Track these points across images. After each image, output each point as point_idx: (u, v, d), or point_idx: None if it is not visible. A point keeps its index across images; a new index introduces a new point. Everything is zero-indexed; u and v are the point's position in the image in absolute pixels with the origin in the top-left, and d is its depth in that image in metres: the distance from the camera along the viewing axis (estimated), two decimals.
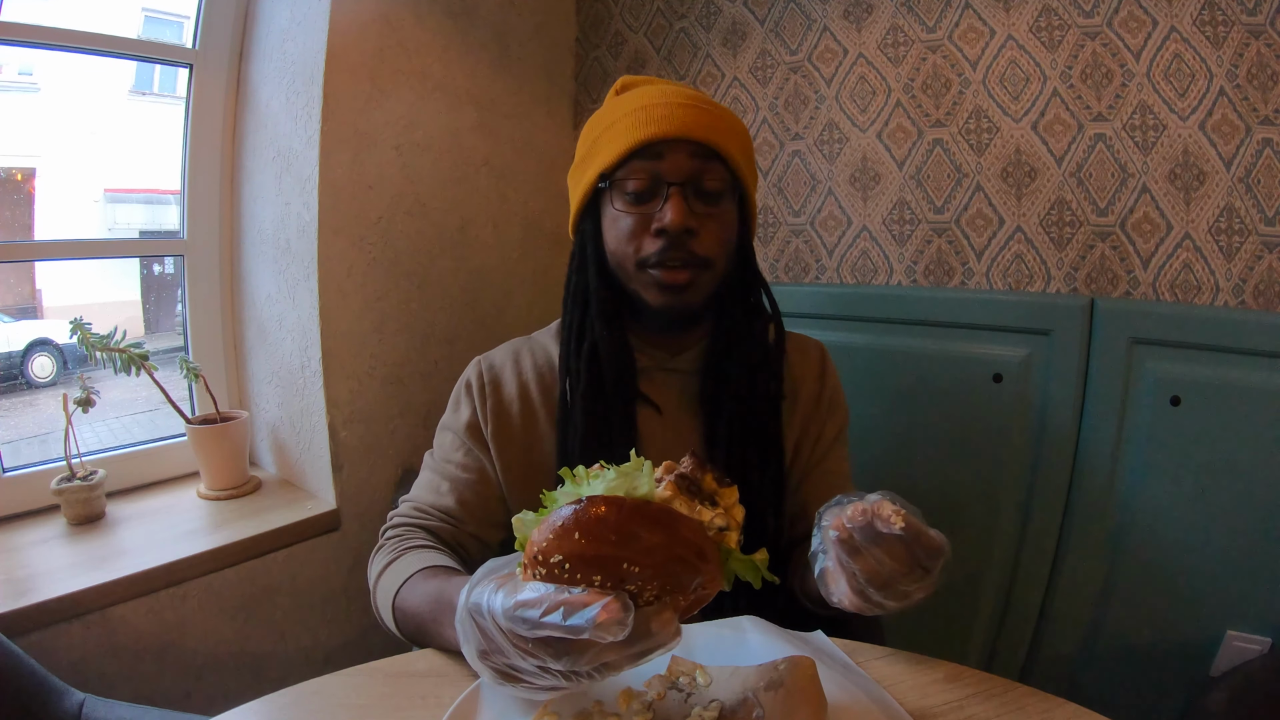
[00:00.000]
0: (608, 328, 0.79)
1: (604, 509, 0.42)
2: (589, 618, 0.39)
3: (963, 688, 0.58)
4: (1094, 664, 1.14)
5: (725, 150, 0.75)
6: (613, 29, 1.62)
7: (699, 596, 0.45)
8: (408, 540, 0.76)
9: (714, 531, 0.45)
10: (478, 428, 0.83)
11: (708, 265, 0.76)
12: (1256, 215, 1.00)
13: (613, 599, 0.39)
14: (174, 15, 1.35)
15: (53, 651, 0.99)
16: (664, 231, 0.73)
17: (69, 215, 1.35)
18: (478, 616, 0.45)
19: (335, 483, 1.31)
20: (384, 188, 1.34)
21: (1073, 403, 1.11)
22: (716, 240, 0.76)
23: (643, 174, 0.75)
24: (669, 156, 0.74)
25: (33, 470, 1.23)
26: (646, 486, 0.44)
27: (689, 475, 0.47)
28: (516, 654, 0.43)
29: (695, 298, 0.77)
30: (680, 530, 0.43)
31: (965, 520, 1.21)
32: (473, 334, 1.52)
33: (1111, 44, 1.07)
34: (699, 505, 0.46)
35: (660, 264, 0.75)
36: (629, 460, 0.46)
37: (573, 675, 0.43)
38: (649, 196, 0.75)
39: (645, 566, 0.42)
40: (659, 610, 0.42)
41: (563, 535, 0.42)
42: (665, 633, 0.42)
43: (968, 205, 1.23)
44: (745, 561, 0.47)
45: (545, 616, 0.40)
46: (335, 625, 1.36)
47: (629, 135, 0.75)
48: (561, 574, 0.42)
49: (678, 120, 0.74)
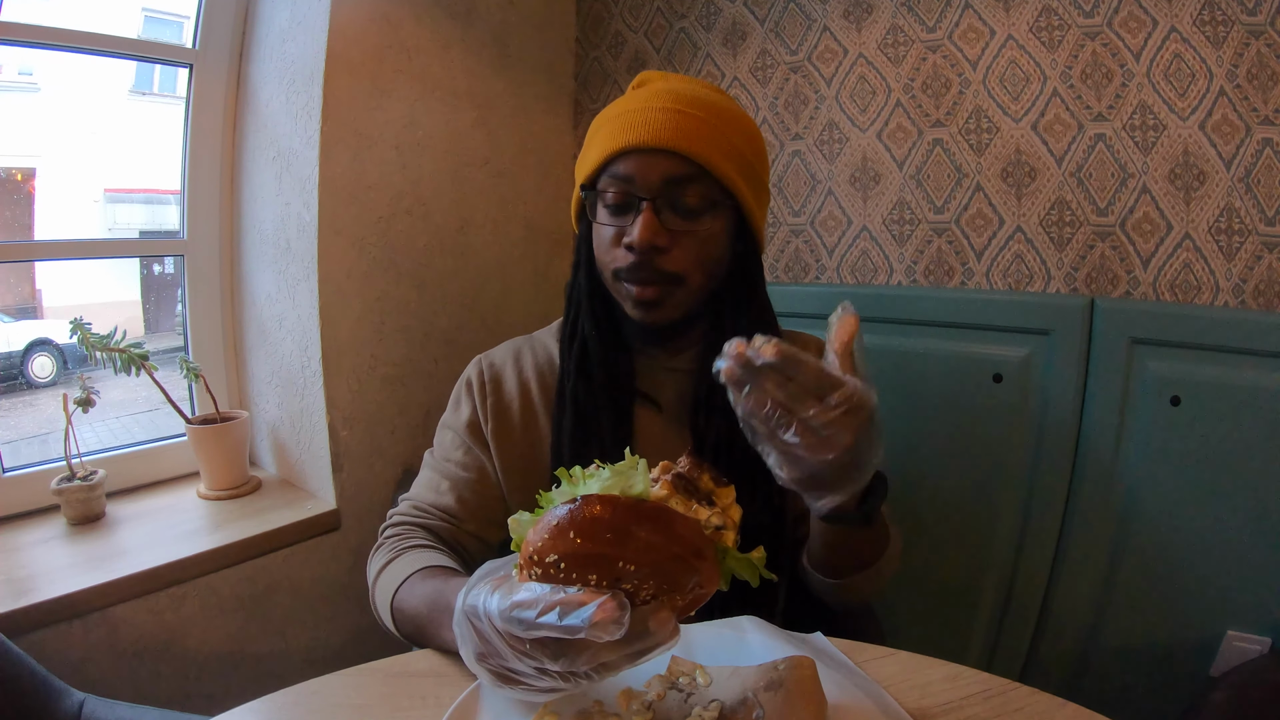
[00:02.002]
0: (596, 327, 0.79)
1: (599, 508, 0.42)
2: (585, 617, 0.38)
3: (963, 688, 0.58)
4: (1094, 664, 1.14)
5: (709, 162, 0.71)
6: (613, 29, 1.62)
7: (696, 596, 0.45)
8: (407, 539, 0.76)
9: (711, 530, 0.45)
10: (478, 426, 0.83)
11: (678, 282, 0.73)
12: (1256, 215, 1.00)
13: (609, 598, 0.39)
14: (174, 15, 1.35)
15: (53, 651, 0.99)
16: (631, 247, 0.72)
17: (69, 215, 1.35)
18: (474, 619, 0.45)
19: (335, 483, 1.31)
20: (384, 188, 1.34)
21: (1073, 403, 1.11)
22: (691, 258, 0.73)
23: (616, 187, 0.73)
24: (642, 169, 0.71)
25: (33, 470, 1.23)
26: (642, 485, 0.44)
27: (685, 475, 0.47)
28: (513, 656, 0.43)
29: (669, 314, 0.75)
30: (676, 528, 0.43)
31: (965, 520, 1.21)
32: (473, 334, 1.52)
33: (1111, 44, 1.07)
34: (695, 505, 0.46)
35: (630, 279, 0.73)
36: (624, 460, 0.46)
37: (570, 676, 0.43)
38: (625, 209, 0.73)
39: (641, 565, 0.41)
40: (656, 609, 0.42)
41: (558, 535, 0.42)
42: (663, 632, 0.41)
43: (968, 205, 1.23)
44: (742, 560, 0.47)
45: (541, 617, 0.40)
46: (335, 625, 1.36)
47: (606, 143, 0.73)
48: (557, 574, 0.42)
49: (655, 128, 0.70)
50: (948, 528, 1.22)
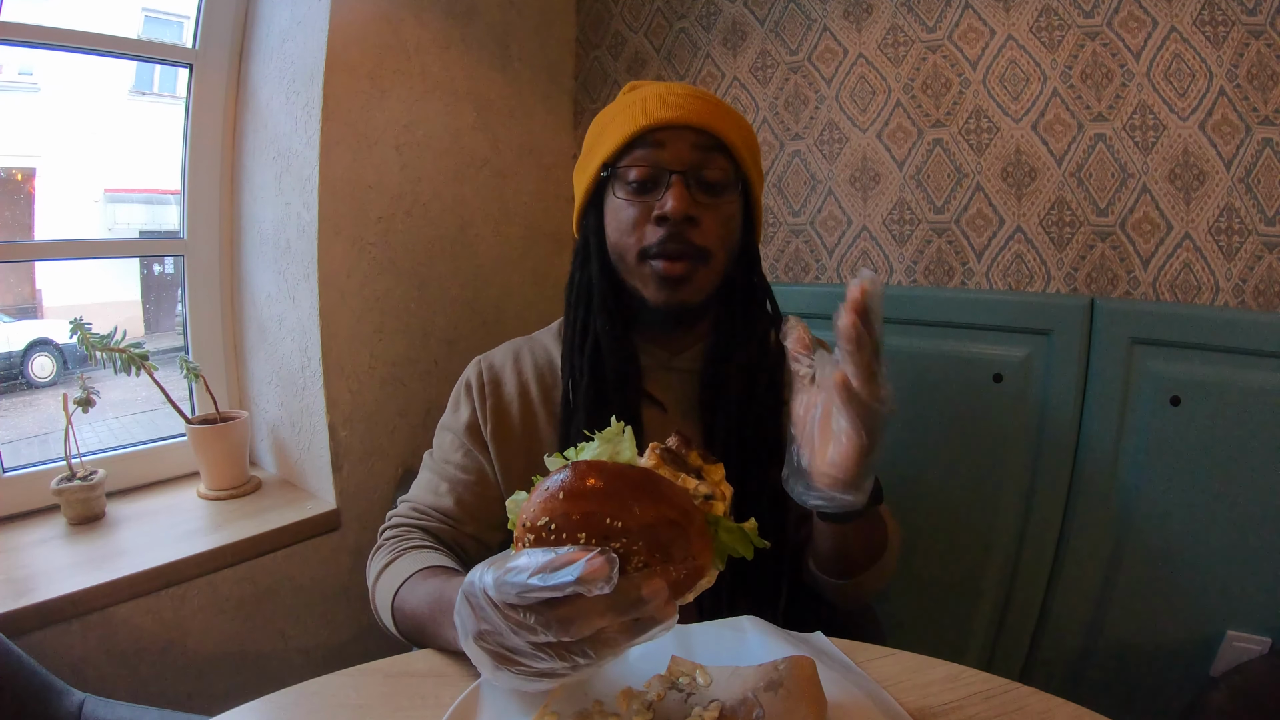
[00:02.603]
0: (610, 323, 0.78)
1: (586, 469, 0.43)
2: (574, 571, 0.39)
3: (963, 688, 0.58)
4: (1094, 664, 1.14)
5: (729, 140, 0.75)
6: (613, 29, 1.62)
7: (691, 569, 0.44)
8: (406, 541, 0.76)
9: (700, 500, 0.46)
10: (477, 428, 0.83)
11: (706, 258, 0.75)
12: (1256, 215, 1.00)
13: (596, 553, 0.40)
14: (174, 15, 1.35)
15: (53, 651, 0.99)
16: (665, 219, 0.73)
17: (69, 215, 1.35)
18: (470, 594, 0.45)
19: (335, 483, 1.31)
20: (384, 188, 1.34)
21: (1073, 403, 1.11)
22: (717, 232, 0.75)
23: (645, 162, 0.75)
24: (671, 145, 0.74)
25: (33, 470, 1.23)
26: (629, 452, 0.45)
27: (673, 450, 0.48)
28: (509, 628, 0.43)
29: (693, 294, 0.76)
30: (663, 490, 0.44)
31: (965, 520, 1.21)
32: (473, 334, 1.52)
33: (1111, 44, 1.07)
34: (684, 476, 0.46)
35: (660, 254, 0.74)
36: (610, 427, 0.47)
37: (568, 654, 0.43)
38: (651, 186, 0.75)
39: (629, 524, 0.42)
40: (648, 576, 0.42)
41: (548, 500, 0.43)
42: (657, 600, 0.41)
43: (968, 205, 1.23)
44: (734, 530, 0.47)
45: (532, 578, 0.40)
46: (335, 625, 1.36)
47: (632, 123, 0.75)
48: (548, 536, 0.43)
49: (680, 108, 0.74)
50: (948, 527, 1.22)
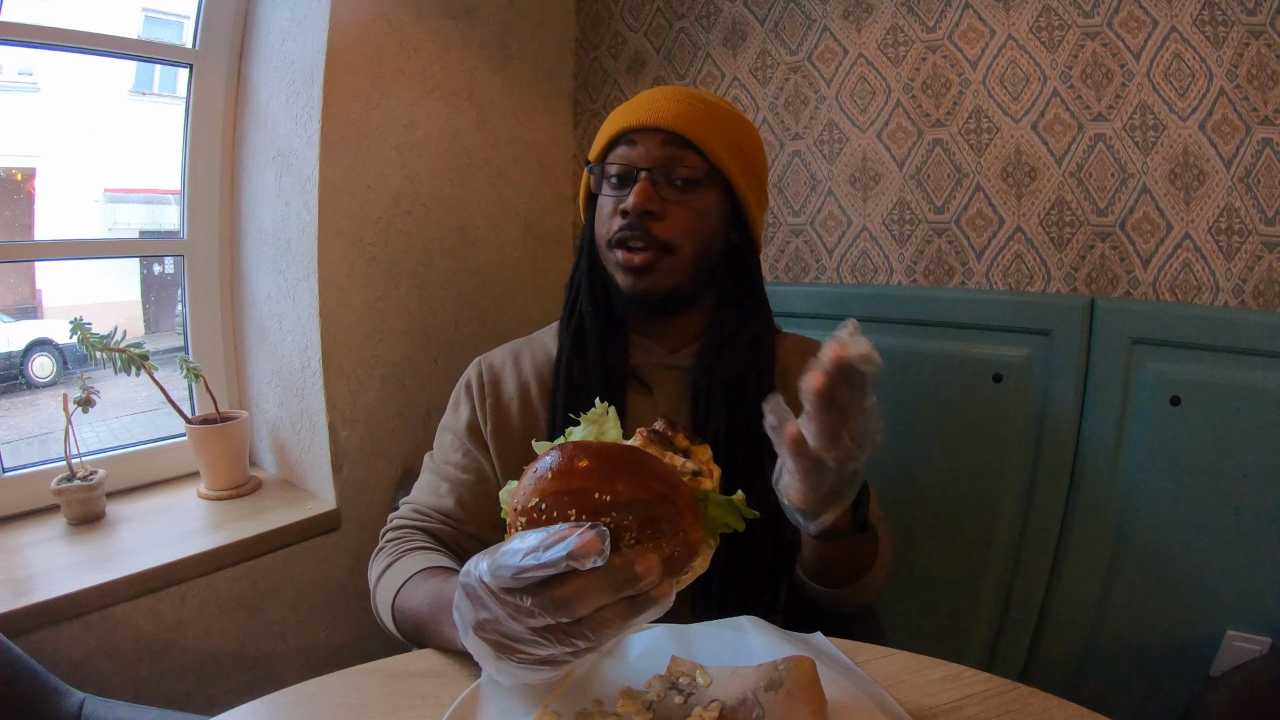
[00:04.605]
0: (593, 304, 0.82)
1: (574, 450, 0.44)
2: (567, 546, 0.39)
3: (963, 688, 0.58)
4: (1094, 664, 1.14)
5: (700, 140, 0.77)
6: (613, 29, 1.62)
7: (683, 544, 0.44)
8: (407, 542, 0.77)
9: (688, 477, 0.46)
10: (477, 428, 0.83)
11: (669, 249, 0.77)
12: (1256, 215, 1.00)
13: (588, 527, 0.40)
14: (174, 15, 1.35)
15: (53, 651, 0.99)
16: (626, 212, 0.76)
17: (69, 215, 1.35)
18: (466, 585, 0.45)
19: (335, 483, 1.31)
20: (384, 188, 1.34)
21: (1073, 403, 1.11)
22: (682, 227, 0.78)
23: (619, 160, 0.80)
24: (642, 143, 0.78)
25: (33, 470, 1.23)
26: (614, 431, 0.46)
27: (660, 431, 0.49)
28: (507, 616, 0.43)
29: (658, 282, 0.78)
30: (650, 465, 0.44)
31: (965, 520, 1.21)
32: (473, 334, 1.52)
33: (1111, 44, 1.07)
34: (671, 455, 0.47)
35: (619, 243, 0.78)
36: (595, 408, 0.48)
37: (567, 638, 0.42)
38: (625, 182, 0.80)
39: (618, 498, 0.42)
40: (641, 552, 0.42)
41: (538, 482, 0.44)
42: (651, 578, 0.41)
43: (968, 205, 1.23)
44: (724, 503, 0.47)
45: (526, 559, 0.41)
46: (335, 625, 1.36)
47: (614, 124, 0.81)
48: (539, 517, 0.43)
49: (652, 111, 0.79)
50: (948, 527, 1.22)
